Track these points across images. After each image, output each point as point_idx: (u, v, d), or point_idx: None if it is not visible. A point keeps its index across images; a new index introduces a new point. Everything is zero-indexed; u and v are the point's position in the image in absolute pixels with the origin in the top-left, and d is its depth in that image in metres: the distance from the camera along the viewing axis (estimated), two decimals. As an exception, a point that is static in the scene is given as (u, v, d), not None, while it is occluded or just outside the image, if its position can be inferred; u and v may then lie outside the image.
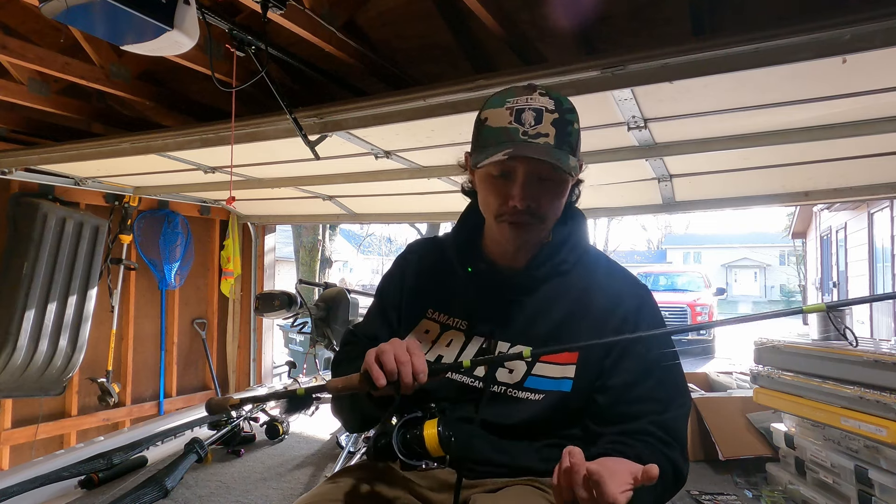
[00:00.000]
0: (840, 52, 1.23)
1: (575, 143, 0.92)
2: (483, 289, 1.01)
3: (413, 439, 0.81)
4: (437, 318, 1.04)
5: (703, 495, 2.51)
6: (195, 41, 1.37)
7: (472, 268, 1.02)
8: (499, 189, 0.93)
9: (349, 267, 25.25)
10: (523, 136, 0.87)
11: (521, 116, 0.88)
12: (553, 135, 0.88)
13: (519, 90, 0.92)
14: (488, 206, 0.96)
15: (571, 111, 0.92)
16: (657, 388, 0.92)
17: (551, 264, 0.99)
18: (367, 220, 4.04)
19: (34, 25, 2.09)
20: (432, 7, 1.82)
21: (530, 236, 0.95)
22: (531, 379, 0.94)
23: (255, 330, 4.46)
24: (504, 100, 0.91)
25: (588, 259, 1.03)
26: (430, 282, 1.08)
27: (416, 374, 0.83)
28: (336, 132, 1.98)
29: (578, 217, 1.05)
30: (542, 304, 0.98)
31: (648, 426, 0.88)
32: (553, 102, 0.90)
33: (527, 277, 0.99)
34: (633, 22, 1.69)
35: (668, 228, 34.48)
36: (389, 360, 0.82)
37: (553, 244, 1.00)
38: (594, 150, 2.17)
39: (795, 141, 1.85)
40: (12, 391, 3.19)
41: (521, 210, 0.91)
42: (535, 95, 0.90)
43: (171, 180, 3.27)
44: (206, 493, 2.48)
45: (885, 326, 7.36)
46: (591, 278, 1.00)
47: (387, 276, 1.15)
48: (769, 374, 2.52)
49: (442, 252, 1.09)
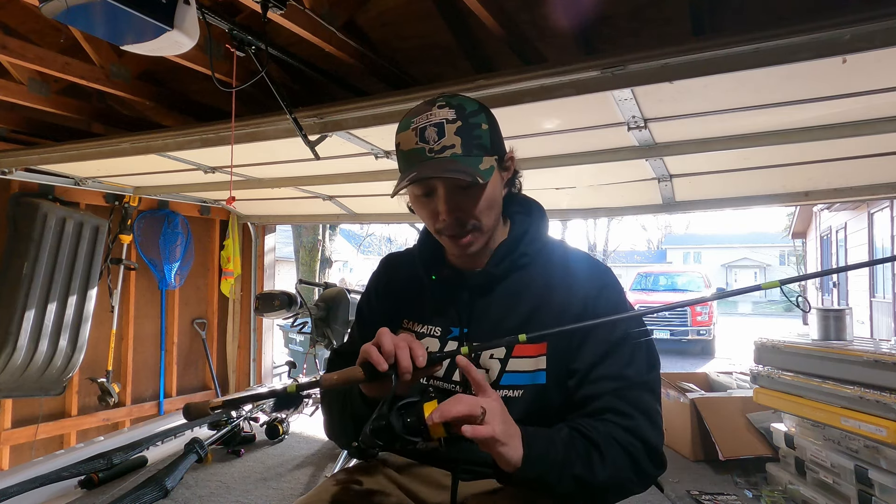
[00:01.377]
0: (840, 52, 1.23)
1: (488, 142, 0.93)
2: (449, 294, 1.03)
3: (412, 419, 0.79)
4: (412, 328, 1.06)
5: (703, 495, 2.51)
6: (195, 41, 1.37)
7: (436, 275, 1.04)
8: (427, 208, 0.96)
9: (349, 267, 25.24)
10: (430, 154, 0.89)
11: (424, 135, 0.90)
12: (459, 143, 0.89)
13: (421, 108, 0.94)
14: (427, 224, 1.00)
15: (477, 113, 0.93)
16: (622, 366, 0.92)
17: (510, 259, 1.00)
18: (367, 220, 4.04)
19: (34, 25, 2.09)
20: (432, 7, 1.82)
21: (474, 246, 0.96)
22: (507, 376, 0.94)
23: (255, 330, 4.46)
24: (409, 122, 0.93)
25: (548, 251, 1.03)
26: (403, 293, 1.10)
27: (415, 357, 0.83)
28: (336, 132, 1.98)
29: (535, 210, 1.07)
30: (507, 300, 0.99)
31: (610, 402, 0.88)
32: (454, 111, 0.91)
33: (486, 276, 1.00)
34: (633, 22, 1.69)
35: (668, 228, 34.48)
36: (388, 344, 0.83)
37: (510, 240, 1.02)
38: (594, 150, 2.17)
39: (795, 141, 1.86)
40: (12, 391, 3.19)
41: (451, 223, 0.93)
42: (434, 110, 0.91)
43: (171, 180, 3.27)
44: (206, 493, 2.48)
45: (885, 326, 7.37)
46: (552, 269, 1.01)
47: (364, 295, 1.18)
48: (769, 374, 2.52)
49: (411, 263, 1.11)
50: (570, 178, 2.59)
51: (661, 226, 34.21)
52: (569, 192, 2.88)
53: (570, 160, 2.23)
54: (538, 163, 2.28)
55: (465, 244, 0.95)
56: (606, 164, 2.21)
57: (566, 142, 2.09)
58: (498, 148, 0.96)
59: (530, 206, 1.07)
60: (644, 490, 0.90)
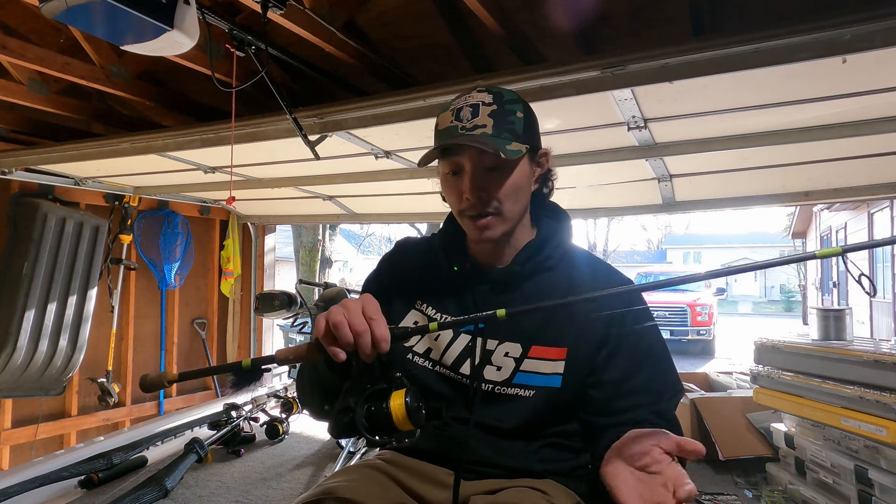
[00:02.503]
0: (840, 52, 1.23)
1: (521, 129, 0.93)
2: (469, 287, 1.02)
3: (378, 412, 0.74)
4: (425, 311, 1.05)
5: (703, 495, 2.51)
6: (195, 41, 1.37)
7: (457, 267, 1.04)
8: (453, 186, 0.96)
9: (349, 267, 25.23)
10: (462, 131, 0.91)
11: (459, 114, 0.92)
12: (491, 125, 0.90)
13: (463, 92, 0.96)
14: (452, 206, 1.00)
15: (514, 101, 0.94)
16: (650, 379, 0.93)
17: (536, 260, 1.00)
18: (367, 220, 4.04)
19: (34, 25, 2.09)
20: (432, 7, 1.82)
21: (493, 231, 0.96)
22: (520, 375, 0.94)
23: (255, 330, 4.46)
24: (450, 104, 0.95)
25: (572, 256, 1.04)
26: (419, 276, 1.08)
27: (376, 342, 0.76)
28: (336, 132, 1.98)
29: (562, 215, 1.07)
30: (527, 300, 0.99)
31: (645, 416, 0.89)
32: (492, 96, 0.93)
33: (511, 274, 1.00)
34: (633, 22, 1.69)
35: (668, 228, 34.47)
36: (345, 334, 0.75)
37: (537, 241, 1.02)
38: (594, 150, 2.17)
39: (795, 141, 1.85)
40: (12, 391, 3.19)
41: (474, 203, 0.93)
42: (473, 93, 0.94)
43: (171, 180, 3.27)
44: (206, 493, 2.48)
45: (885, 326, 7.37)
46: (576, 274, 1.01)
47: (372, 273, 1.16)
48: (769, 374, 2.52)
49: (430, 250, 1.10)
50: (570, 178, 2.59)
51: (661, 226, 34.23)
52: (569, 192, 2.88)
53: (570, 160, 2.23)
54: (538, 163, 2.27)
55: (483, 226, 0.94)
56: (606, 164, 2.21)
57: (566, 142, 2.09)
58: (531, 138, 0.96)
59: (559, 213, 1.07)
60: None
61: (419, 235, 1.23)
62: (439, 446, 0.98)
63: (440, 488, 0.97)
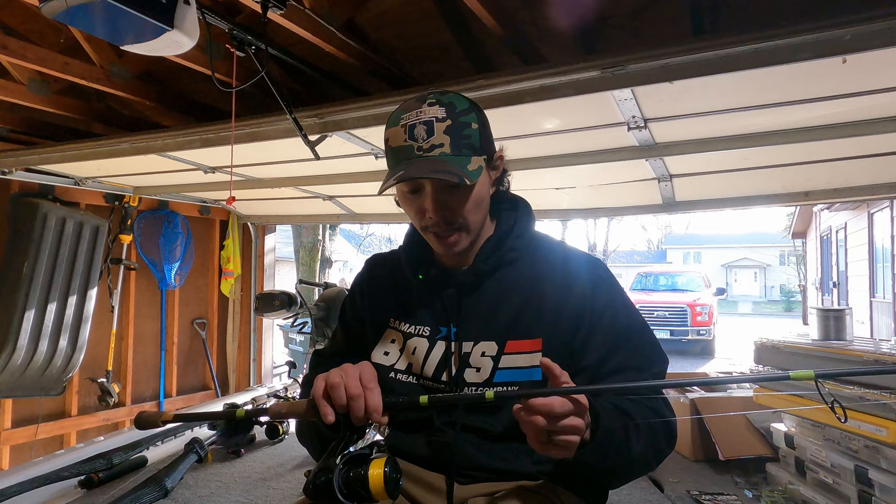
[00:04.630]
0: (840, 52, 1.23)
1: (477, 142, 0.92)
2: (437, 293, 1.02)
3: (356, 479, 0.75)
4: (399, 328, 1.05)
5: (703, 495, 2.51)
6: (195, 41, 1.37)
7: (422, 275, 1.04)
8: (413, 204, 0.95)
9: (349, 267, 25.22)
10: (418, 153, 0.89)
11: (413, 132, 0.89)
12: (448, 143, 0.88)
13: (411, 104, 0.92)
14: (413, 221, 1.00)
15: (467, 112, 0.92)
16: (632, 355, 0.93)
17: (497, 255, 1.00)
18: (367, 220, 4.03)
19: (34, 25, 2.09)
20: (432, 7, 1.82)
21: (460, 245, 0.96)
22: (500, 373, 0.94)
23: (255, 330, 4.46)
24: (398, 118, 0.92)
25: (536, 245, 1.03)
26: (390, 293, 1.09)
27: (369, 411, 0.79)
28: (336, 132, 1.98)
29: (521, 205, 1.06)
30: (496, 296, 0.98)
31: None
32: (444, 110, 0.90)
33: (474, 273, 1.00)
34: (633, 22, 1.69)
35: (668, 228, 34.48)
36: (339, 396, 0.79)
37: (497, 236, 1.01)
38: (594, 150, 2.17)
39: (795, 141, 1.85)
40: (12, 391, 3.19)
41: (438, 221, 0.93)
42: (424, 107, 0.90)
43: (171, 180, 3.27)
44: (206, 493, 2.47)
45: (885, 326, 7.36)
46: (543, 263, 1.00)
47: (348, 295, 1.17)
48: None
49: (397, 263, 1.10)
50: (570, 178, 2.59)
51: (661, 226, 34.24)
52: (569, 192, 2.88)
53: (570, 160, 2.23)
54: (538, 163, 2.28)
55: (451, 243, 0.95)
56: (606, 164, 2.21)
57: (566, 142, 2.09)
58: (487, 147, 0.95)
59: (516, 203, 1.07)
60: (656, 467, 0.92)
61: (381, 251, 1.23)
62: (432, 453, 0.97)
63: (436, 494, 0.97)
